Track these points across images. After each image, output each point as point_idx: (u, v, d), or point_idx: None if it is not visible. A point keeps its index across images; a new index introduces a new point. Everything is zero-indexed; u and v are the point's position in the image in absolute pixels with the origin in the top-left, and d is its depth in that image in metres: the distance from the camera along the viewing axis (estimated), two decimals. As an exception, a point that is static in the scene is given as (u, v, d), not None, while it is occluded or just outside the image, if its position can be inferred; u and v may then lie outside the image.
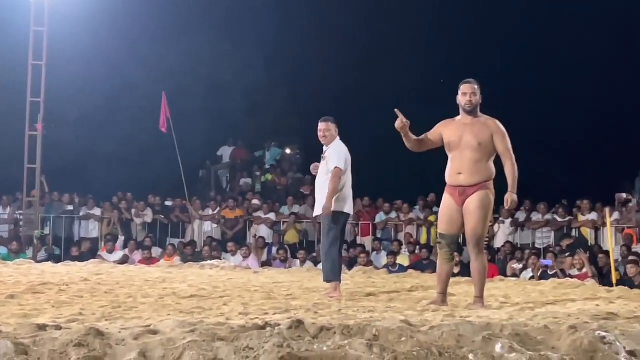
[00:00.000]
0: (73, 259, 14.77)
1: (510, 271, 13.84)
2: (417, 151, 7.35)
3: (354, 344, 3.80)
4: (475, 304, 7.07)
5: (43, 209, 17.26)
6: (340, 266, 8.57)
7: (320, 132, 8.53)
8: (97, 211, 17.89)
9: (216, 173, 22.92)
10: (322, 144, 8.61)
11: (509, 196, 7.04)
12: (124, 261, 14.93)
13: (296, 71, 22.96)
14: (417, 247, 15.65)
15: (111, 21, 20.08)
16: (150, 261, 14.91)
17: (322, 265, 8.63)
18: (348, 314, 6.31)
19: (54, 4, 16.49)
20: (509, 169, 7.04)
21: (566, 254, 13.47)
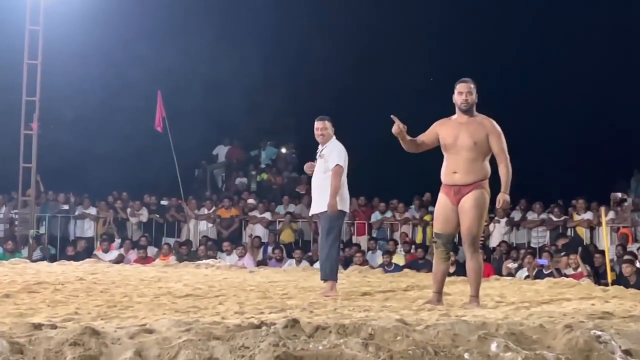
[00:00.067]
0: (68, 258, 14.75)
1: (506, 270, 13.85)
2: (414, 152, 7.35)
3: (349, 343, 3.80)
4: (471, 303, 7.07)
5: (38, 208, 17.24)
6: (337, 265, 8.60)
7: (317, 130, 8.55)
8: (92, 210, 17.90)
9: (212, 172, 22.91)
10: (317, 143, 8.63)
11: (501, 196, 7.04)
12: (119, 260, 14.93)
13: (292, 70, 22.95)
14: (413, 246, 15.67)
15: (107, 20, 20.03)
16: (145, 260, 14.89)
17: (320, 264, 8.62)
18: (344, 313, 6.32)
19: (49, 3, 16.45)
20: (502, 169, 7.05)
21: (561, 253, 13.49)
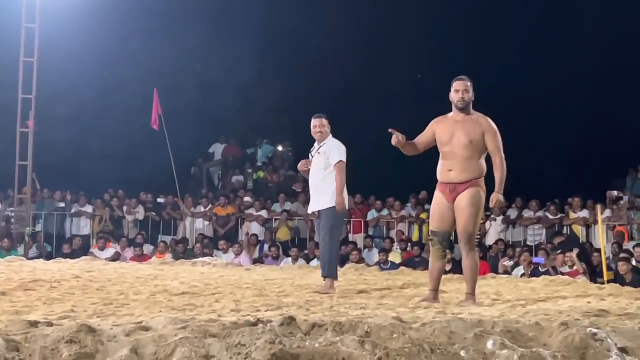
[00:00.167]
0: (64, 256, 14.70)
1: (502, 268, 13.85)
2: (416, 154, 7.35)
3: (345, 341, 3.80)
4: (467, 300, 7.07)
5: (34, 206, 17.23)
6: (338, 262, 8.62)
7: (315, 128, 8.56)
8: (88, 208, 17.90)
9: (208, 170, 22.90)
10: (313, 141, 8.64)
11: (494, 196, 7.04)
12: (115, 258, 14.92)
13: (288, 69, 22.96)
14: (409, 244, 15.67)
15: (103, 18, 20.04)
16: (141, 258, 14.88)
17: (321, 261, 8.61)
18: (340, 310, 6.32)
19: (45, 1, 16.39)
20: (497, 168, 7.04)
21: (557, 251, 13.50)
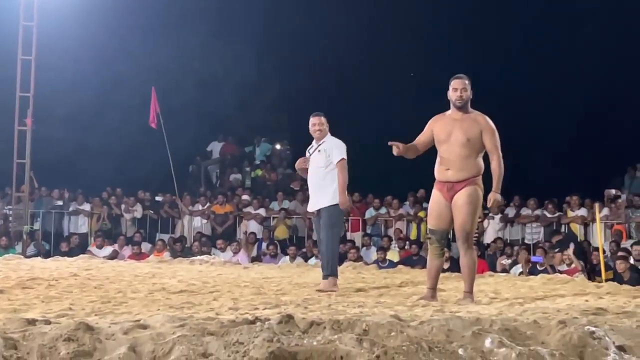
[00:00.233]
0: (62, 254, 14.71)
1: (500, 267, 13.86)
2: (417, 155, 7.35)
3: (343, 339, 3.80)
4: (465, 299, 7.07)
5: (32, 204, 17.20)
6: (337, 261, 8.64)
7: (314, 126, 8.56)
8: (86, 206, 17.88)
9: (206, 168, 22.91)
10: (311, 139, 8.64)
11: (492, 195, 7.03)
12: (113, 256, 14.92)
13: (286, 67, 22.95)
14: (407, 242, 15.68)
15: (101, 16, 20.02)
16: (139, 256, 14.88)
17: (322, 259, 8.58)
18: (338, 309, 6.32)
19: (43, -1, 16.42)
20: (494, 167, 7.03)
21: (556, 249, 13.51)
